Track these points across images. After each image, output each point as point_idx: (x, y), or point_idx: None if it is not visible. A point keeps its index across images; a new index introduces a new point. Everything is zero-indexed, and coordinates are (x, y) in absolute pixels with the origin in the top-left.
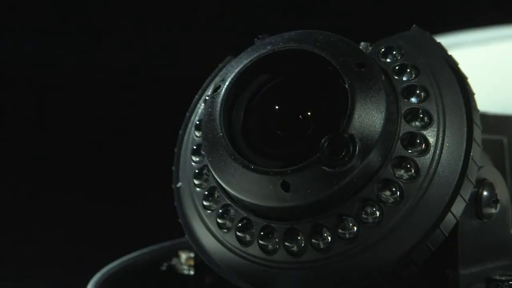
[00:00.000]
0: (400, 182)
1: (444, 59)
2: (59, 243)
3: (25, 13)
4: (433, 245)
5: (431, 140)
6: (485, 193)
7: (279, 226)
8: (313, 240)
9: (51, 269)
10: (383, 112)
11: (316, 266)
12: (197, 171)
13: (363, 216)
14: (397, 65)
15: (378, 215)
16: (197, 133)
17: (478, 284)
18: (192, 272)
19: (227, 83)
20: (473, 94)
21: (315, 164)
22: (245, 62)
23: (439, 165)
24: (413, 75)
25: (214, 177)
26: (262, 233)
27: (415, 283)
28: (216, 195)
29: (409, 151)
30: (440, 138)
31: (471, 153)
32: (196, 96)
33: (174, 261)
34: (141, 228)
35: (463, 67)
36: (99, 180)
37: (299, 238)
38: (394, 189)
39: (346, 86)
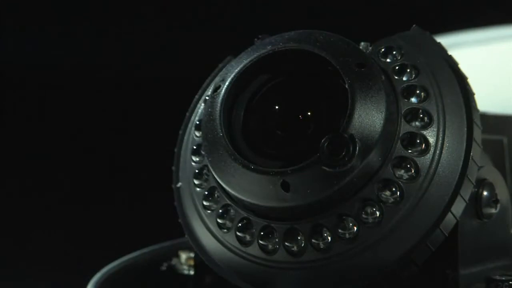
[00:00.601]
0: (400, 182)
1: (444, 59)
2: (59, 243)
3: (25, 13)
4: (433, 245)
5: (431, 140)
6: (485, 193)
7: (279, 226)
8: (313, 240)
9: (51, 269)
10: (383, 112)
11: (316, 266)
12: (197, 171)
13: (363, 216)
14: (397, 65)
15: (378, 215)
16: (197, 133)
17: (478, 284)
18: (192, 272)
19: (227, 83)
20: (473, 94)
21: (315, 164)
22: (245, 62)
23: (439, 165)
24: (413, 75)
25: (214, 177)
26: (262, 233)
27: (415, 283)
28: (216, 195)
29: (409, 151)
30: (440, 138)
31: (471, 153)
32: (196, 96)
33: (174, 261)
34: (141, 228)
35: (463, 67)
36: (99, 180)
37: (299, 238)
38: (394, 189)
39: (346, 86)
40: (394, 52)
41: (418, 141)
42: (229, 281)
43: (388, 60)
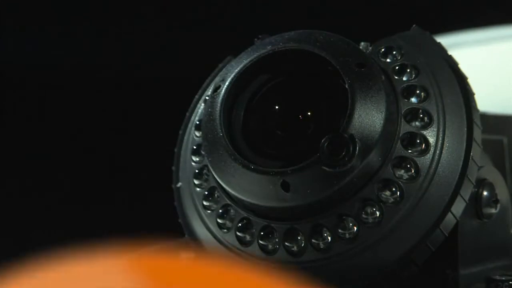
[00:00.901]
0: (400, 182)
1: (444, 59)
2: (59, 243)
3: (25, 13)
4: (433, 245)
5: (431, 140)
6: (485, 193)
7: (279, 226)
8: (313, 240)
9: None
10: (383, 112)
11: (316, 266)
12: (197, 171)
13: (363, 216)
14: (397, 65)
15: (378, 215)
16: (197, 133)
17: (478, 284)
18: None
19: (227, 83)
20: (473, 94)
21: (315, 164)
22: (245, 62)
23: (439, 165)
24: (413, 75)
25: (214, 177)
26: (262, 233)
27: (415, 283)
28: (216, 195)
29: (409, 151)
30: (440, 138)
31: (471, 153)
32: (196, 96)
33: None
34: (141, 228)
35: (463, 67)
36: (99, 180)
37: (299, 238)
38: (394, 189)
39: (346, 86)
40: (394, 52)
41: (418, 141)
42: None
43: (388, 60)
